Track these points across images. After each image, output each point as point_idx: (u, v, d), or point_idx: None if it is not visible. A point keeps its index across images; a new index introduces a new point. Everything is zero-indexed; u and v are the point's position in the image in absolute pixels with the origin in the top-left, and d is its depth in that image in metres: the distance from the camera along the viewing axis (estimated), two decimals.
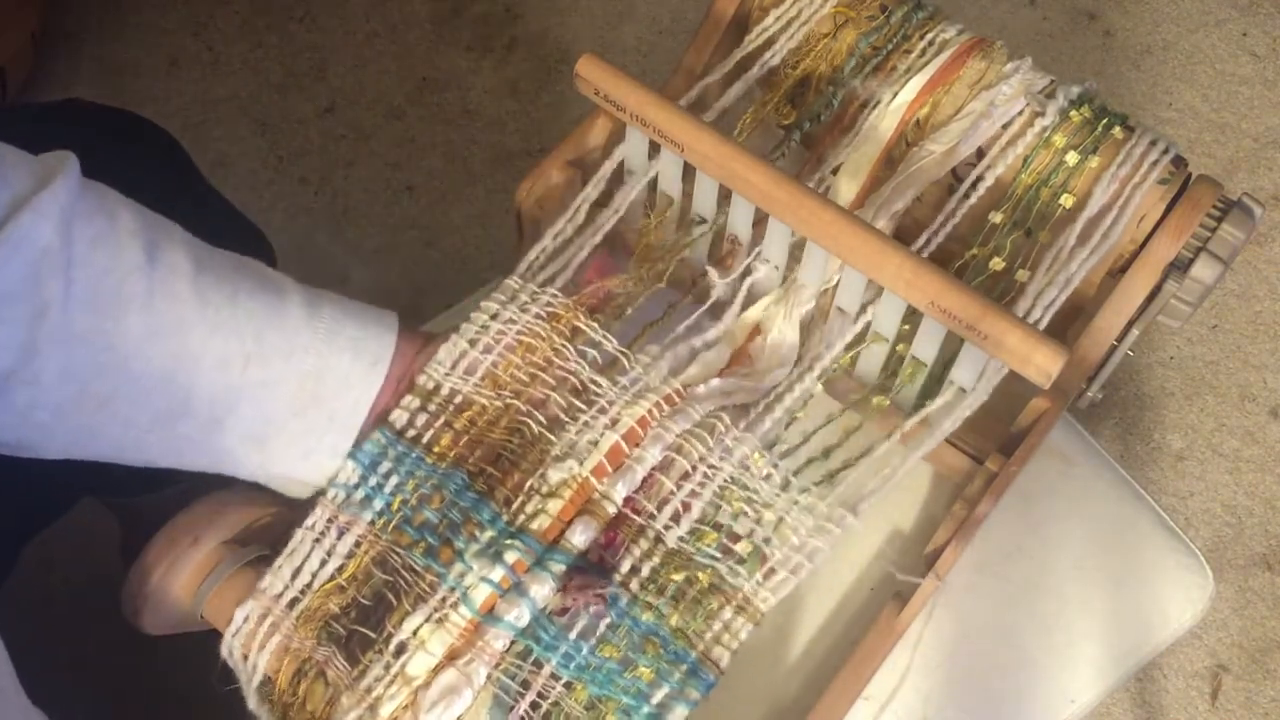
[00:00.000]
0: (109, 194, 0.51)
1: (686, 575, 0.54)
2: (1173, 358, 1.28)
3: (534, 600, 0.52)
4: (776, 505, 0.56)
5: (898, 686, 0.64)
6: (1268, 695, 1.14)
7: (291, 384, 0.53)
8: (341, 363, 0.54)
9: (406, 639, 0.52)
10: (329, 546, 0.55)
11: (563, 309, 0.59)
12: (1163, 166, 0.62)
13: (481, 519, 0.54)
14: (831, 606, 0.66)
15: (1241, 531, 1.20)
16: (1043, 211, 0.63)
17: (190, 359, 0.51)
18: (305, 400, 0.54)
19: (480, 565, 0.53)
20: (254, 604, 0.54)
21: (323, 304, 0.55)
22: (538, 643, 0.51)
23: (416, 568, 0.53)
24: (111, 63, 1.42)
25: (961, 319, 0.54)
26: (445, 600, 0.52)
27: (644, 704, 0.51)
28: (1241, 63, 1.45)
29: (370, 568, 0.54)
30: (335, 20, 1.46)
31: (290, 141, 1.37)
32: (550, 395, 0.57)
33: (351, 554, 0.55)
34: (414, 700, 0.51)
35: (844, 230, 0.56)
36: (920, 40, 0.67)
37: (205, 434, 0.53)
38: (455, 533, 0.54)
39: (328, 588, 0.54)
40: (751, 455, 0.56)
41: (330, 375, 0.54)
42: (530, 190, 0.67)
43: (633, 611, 0.53)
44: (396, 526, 0.55)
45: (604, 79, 0.60)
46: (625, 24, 1.46)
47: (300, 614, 0.54)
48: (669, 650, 0.52)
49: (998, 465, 0.61)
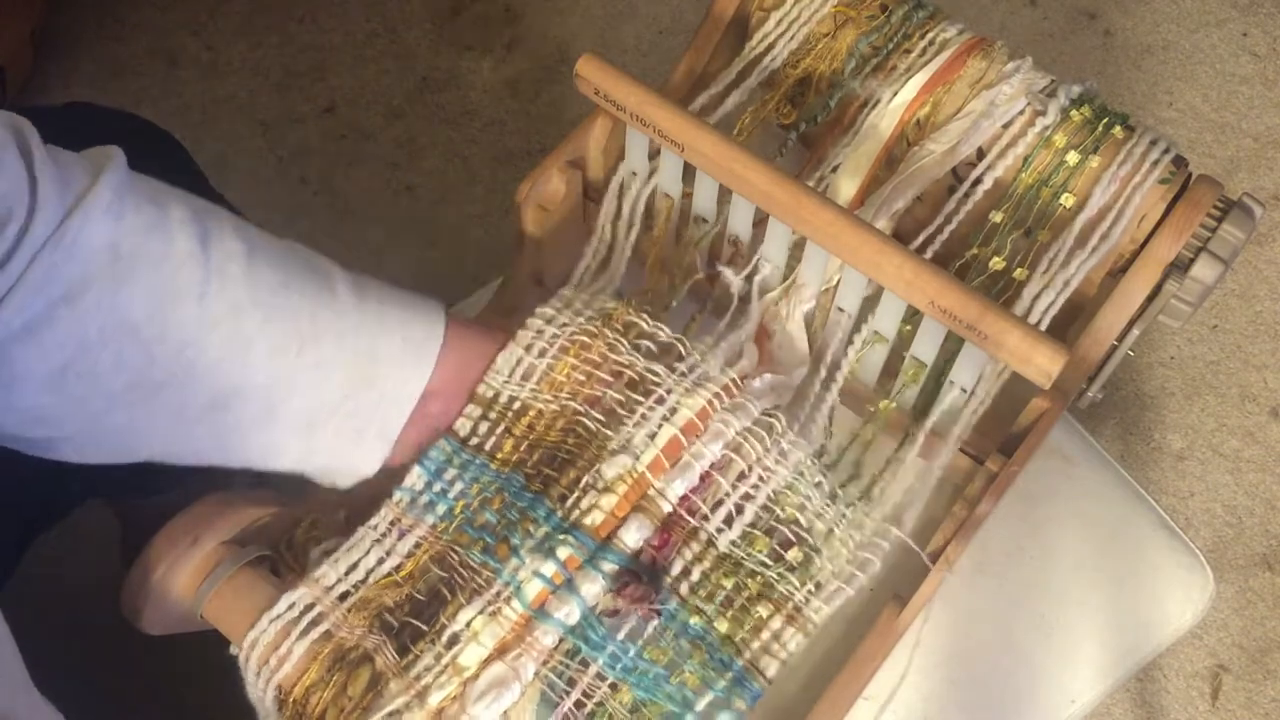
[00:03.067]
0: (157, 184, 0.51)
1: (735, 581, 0.55)
2: (1173, 358, 1.28)
3: (584, 599, 0.52)
4: (827, 516, 0.57)
5: (898, 686, 0.64)
6: (1268, 695, 1.13)
7: (345, 365, 0.53)
8: (393, 343, 0.54)
9: (460, 630, 0.52)
10: (389, 546, 0.55)
11: (614, 309, 0.60)
12: (1163, 166, 0.62)
13: (537, 516, 0.55)
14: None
15: (1242, 531, 1.20)
16: (1043, 211, 0.63)
17: (244, 344, 0.51)
18: (357, 381, 0.54)
19: (533, 560, 0.53)
20: (305, 591, 0.54)
21: (368, 286, 0.55)
22: (586, 642, 0.52)
23: (474, 564, 0.54)
24: (111, 63, 1.42)
25: (961, 319, 0.54)
26: (499, 594, 0.53)
27: (687, 712, 0.51)
28: (1242, 62, 1.45)
29: (428, 564, 0.55)
30: (335, 20, 1.46)
31: (290, 141, 1.37)
32: (606, 391, 0.58)
33: (411, 554, 0.55)
34: (463, 691, 0.51)
35: (844, 230, 0.56)
36: (920, 40, 0.67)
37: (256, 422, 0.52)
38: (512, 530, 0.54)
39: (384, 582, 0.55)
40: (805, 461, 0.57)
41: (382, 354, 0.54)
42: (531, 190, 0.67)
43: (680, 615, 0.53)
44: (458, 528, 0.55)
45: (604, 79, 0.60)
46: (625, 24, 1.46)
47: (353, 605, 0.54)
48: (715, 657, 0.53)
49: (998, 465, 0.61)
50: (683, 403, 0.56)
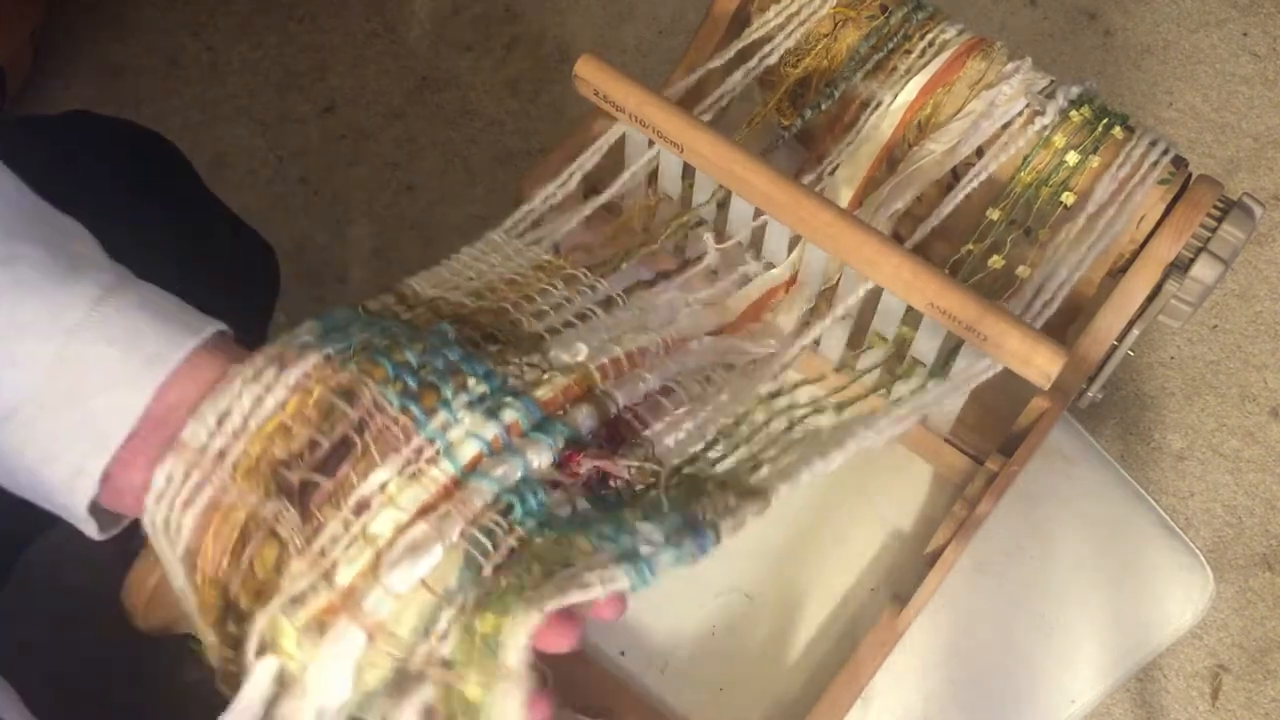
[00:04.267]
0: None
1: (689, 482, 0.48)
2: (1173, 358, 1.28)
3: (528, 462, 0.44)
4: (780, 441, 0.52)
5: (898, 687, 0.64)
6: (1268, 695, 1.13)
7: (42, 367, 0.42)
8: (109, 354, 0.43)
9: (371, 494, 0.43)
10: (268, 382, 0.44)
11: (549, 261, 0.54)
12: (1163, 166, 0.62)
13: (474, 372, 0.45)
14: (831, 606, 0.66)
15: (1242, 531, 1.20)
16: (1042, 210, 0.63)
17: None
18: (59, 392, 0.43)
19: (471, 419, 0.44)
20: (175, 459, 0.43)
21: (125, 293, 0.44)
22: (522, 502, 0.43)
23: (389, 408, 0.43)
24: (111, 63, 1.42)
25: (960, 319, 0.54)
26: (421, 452, 0.43)
27: (623, 534, 0.42)
28: (1242, 62, 1.45)
29: (331, 400, 0.43)
30: (335, 20, 1.46)
31: (290, 141, 1.37)
32: (546, 310, 0.50)
33: (300, 386, 0.43)
34: (377, 563, 0.42)
35: (843, 231, 0.56)
36: (920, 40, 0.67)
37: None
38: (443, 380, 0.45)
39: (269, 429, 0.43)
40: (753, 403, 0.52)
41: (92, 367, 0.43)
42: (531, 190, 0.67)
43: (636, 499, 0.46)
44: (368, 358, 0.44)
45: (603, 79, 0.60)
46: (625, 24, 1.46)
47: (236, 464, 0.43)
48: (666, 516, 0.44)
49: (998, 465, 0.61)
50: (624, 337, 0.50)
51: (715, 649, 0.65)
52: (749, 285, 0.63)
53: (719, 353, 0.56)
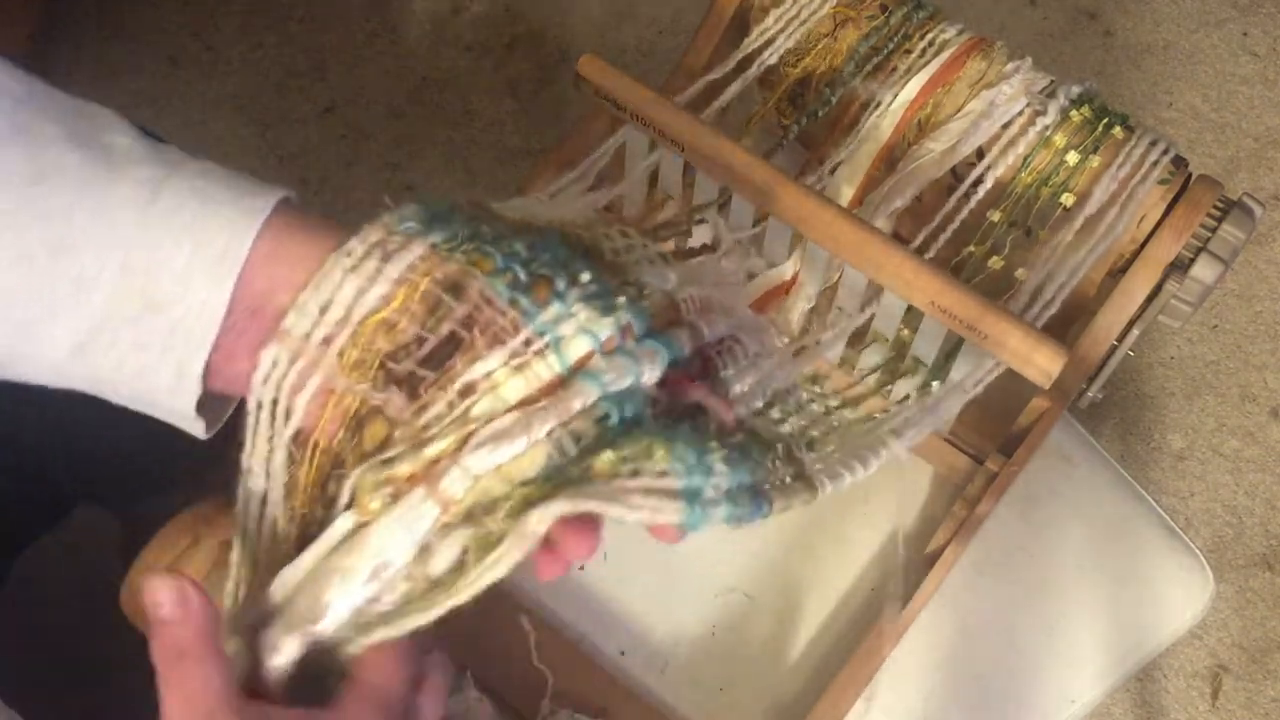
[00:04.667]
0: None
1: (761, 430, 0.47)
2: (1173, 358, 1.28)
3: (640, 370, 0.42)
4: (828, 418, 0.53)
5: (898, 687, 0.64)
6: (1268, 695, 1.13)
7: (111, 281, 0.42)
8: (178, 255, 0.42)
9: (476, 380, 0.41)
10: (370, 272, 0.42)
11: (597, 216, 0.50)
12: (1163, 166, 0.62)
13: (583, 272, 0.43)
14: (831, 606, 0.66)
15: (1242, 532, 1.20)
16: (1043, 210, 0.63)
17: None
18: (134, 303, 0.42)
19: (586, 313, 0.42)
20: (278, 346, 0.42)
21: (165, 182, 0.43)
22: (620, 411, 0.41)
23: (497, 301, 0.42)
24: (111, 62, 1.42)
25: (961, 319, 0.54)
26: (530, 344, 0.42)
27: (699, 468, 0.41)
28: (1242, 63, 1.45)
29: (438, 294, 0.42)
30: (335, 20, 1.46)
31: (290, 141, 1.37)
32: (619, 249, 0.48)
33: (405, 279, 0.42)
34: (464, 442, 0.41)
35: (844, 230, 0.56)
36: (920, 40, 0.67)
37: (25, 341, 0.43)
38: (555, 271, 0.43)
39: (374, 321, 0.42)
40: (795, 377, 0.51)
41: (163, 272, 0.42)
42: (531, 190, 0.67)
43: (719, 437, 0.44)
44: (475, 249, 0.43)
45: (604, 79, 0.60)
46: (625, 24, 1.46)
47: (343, 354, 0.42)
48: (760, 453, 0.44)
49: (998, 465, 0.61)
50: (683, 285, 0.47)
51: (715, 649, 0.65)
52: (750, 284, 0.63)
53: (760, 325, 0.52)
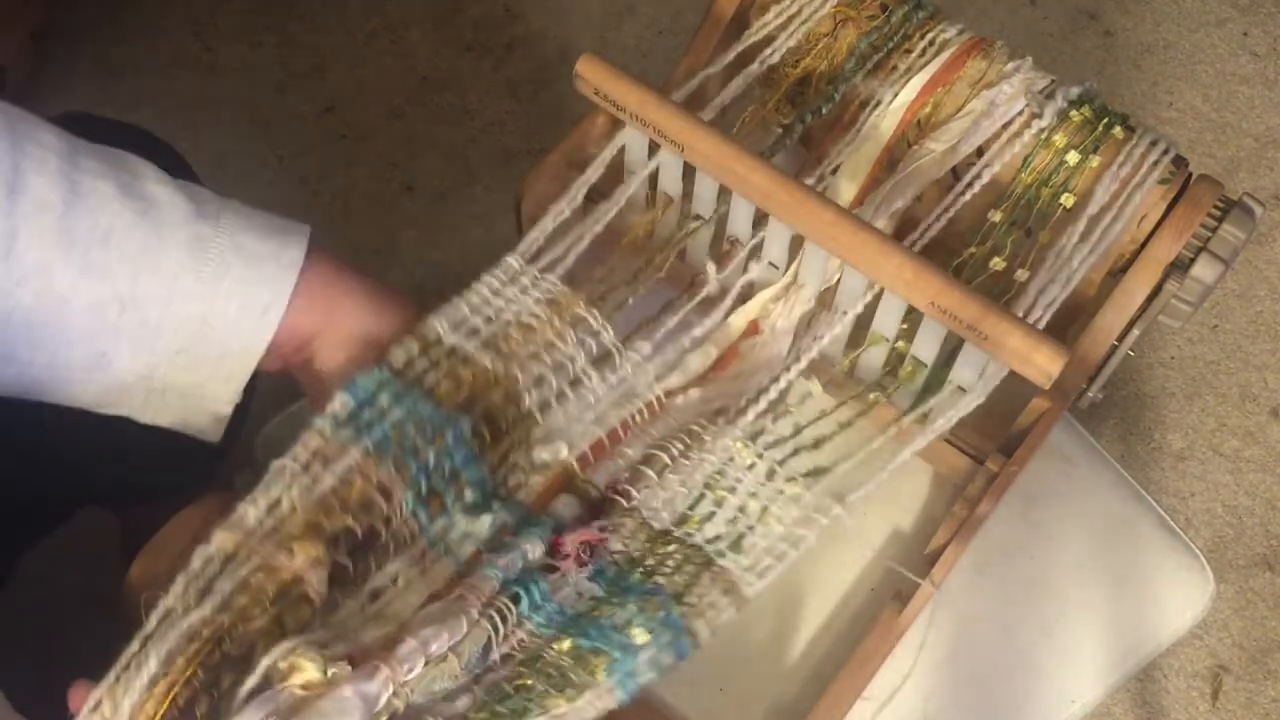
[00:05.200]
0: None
1: (679, 549, 0.54)
2: (1173, 358, 1.28)
3: (525, 552, 0.52)
4: (761, 494, 0.56)
5: (899, 686, 0.64)
6: (1268, 696, 1.13)
7: (171, 330, 0.51)
8: (229, 309, 0.51)
9: (384, 585, 0.50)
10: (315, 474, 0.51)
11: (562, 297, 0.58)
12: (1163, 166, 0.62)
13: (470, 479, 0.53)
14: (831, 606, 0.66)
15: (1242, 532, 1.20)
16: (1043, 211, 0.63)
17: (58, 300, 0.49)
18: (189, 344, 0.51)
19: (466, 522, 0.52)
20: (225, 536, 0.49)
21: (211, 241, 0.51)
22: (525, 592, 0.50)
23: (404, 512, 0.51)
24: (111, 62, 1.42)
25: (961, 319, 0.54)
26: (425, 554, 0.51)
27: (629, 660, 0.49)
28: (1242, 62, 1.45)
29: (370, 494, 0.51)
30: (335, 20, 1.46)
31: (290, 141, 1.37)
32: (547, 376, 0.56)
33: (347, 480, 0.51)
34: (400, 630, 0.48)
35: (844, 230, 0.56)
36: (920, 40, 0.67)
37: (90, 371, 0.51)
38: (446, 487, 0.52)
39: (321, 504, 0.50)
40: (734, 445, 0.57)
41: (216, 320, 0.51)
42: (531, 190, 0.67)
43: (627, 576, 0.52)
44: (399, 458, 0.52)
45: (604, 79, 0.60)
46: (625, 24, 1.46)
47: (288, 534, 0.49)
48: (668, 613, 0.51)
49: (998, 465, 0.61)
50: (609, 412, 0.57)
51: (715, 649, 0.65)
52: (749, 304, 0.63)
53: (706, 402, 0.59)
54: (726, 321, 0.63)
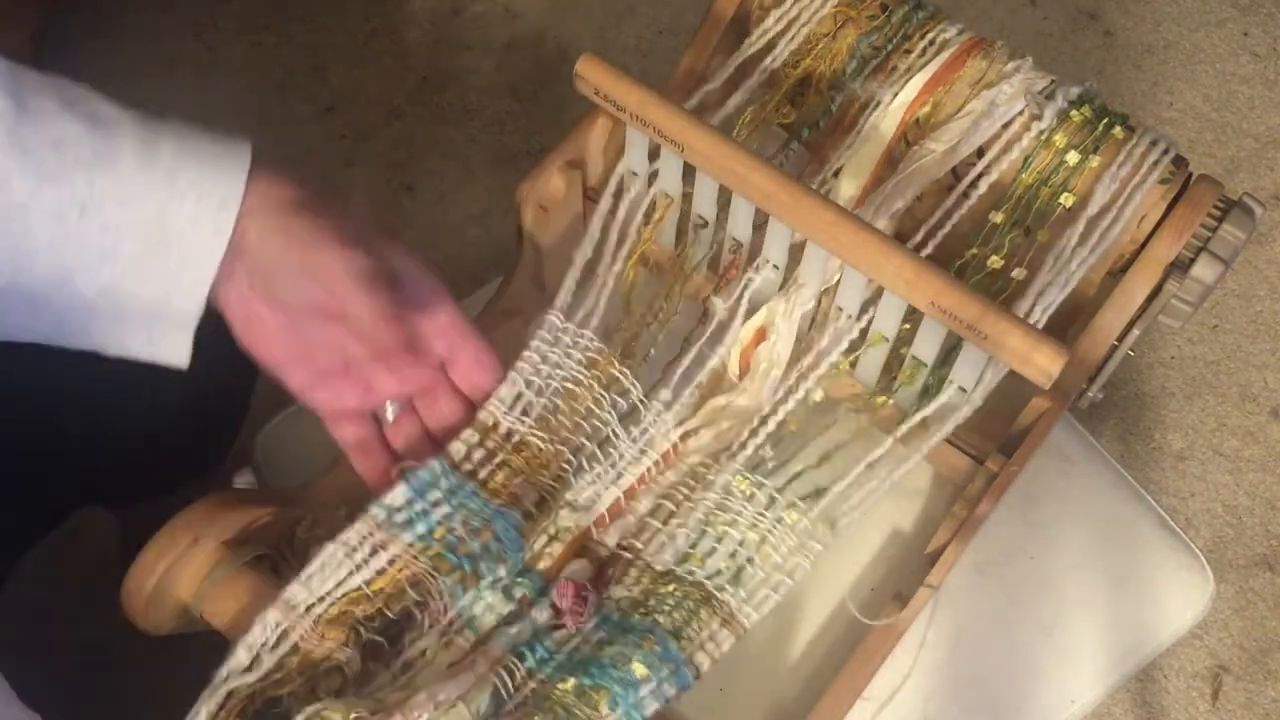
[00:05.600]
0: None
1: (679, 588, 0.57)
2: (1173, 357, 1.28)
3: (534, 620, 0.55)
4: (760, 525, 0.58)
5: (899, 686, 0.64)
6: (1268, 696, 1.13)
7: (132, 230, 0.51)
8: (185, 206, 0.51)
9: (414, 657, 0.54)
10: (360, 561, 0.55)
11: (599, 355, 0.61)
12: (1163, 166, 0.62)
13: (509, 558, 0.57)
14: (832, 606, 0.66)
15: (1242, 532, 1.20)
16: (1043, 211, 0.63)
17: (18, 210, 0.49)
18: (151, 244, 0.51)
19: (492, 597, 0.56)
20: (276, 615, 0.54)
21: (160, 144, 0.52)
22: (530, 651, 0.54)
23: (443, 591, 0.55)
24: (111, 63, 1.42)
25: (962, 319, 0.54)
26: (452, 624, 0.55)
27: (631, 693, 0.53)
28: (1242, 62, 1.45)
29: (403, 585, 0.55)
30: (335, 20, 1.46)
31: (290, 141, 1.37)
32: (584, 443, 0.60)
33: (383, 571, 0.55)
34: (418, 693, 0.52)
35: (844, 230, 0.56)
36: (921, 40, 0.67)
37: (56, 289, 0.51)
38: (489, 566, 0.56)
39: (354, 595, 0.55)
40: (733, 480, 0.59)
41: (174, 219, 0.51)
42: (531, 190, 0.67)
43: (628, 617, 0.55)
44: (438, 554, 0.56)
45: (604, 79, 0.60)
46: (625, 24, 1.46)
47: (322, 618, 0.54)
48: (665, 648, 0.54)
49: (998, 465, 0.61)
50: (628, 470, 0.60)
51: None
52: (753, 318, 0.63)
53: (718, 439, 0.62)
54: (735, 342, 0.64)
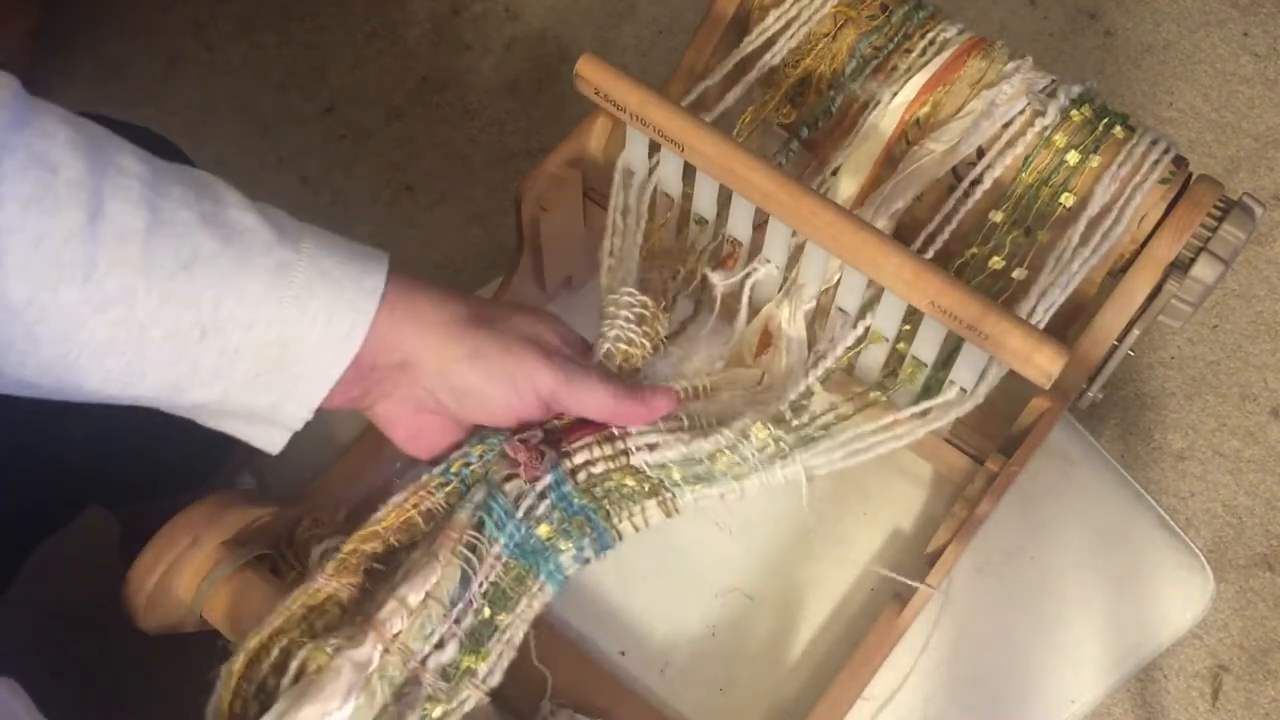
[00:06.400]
0: (50, 131, 0.48)
1: (635, 482, 0.58)
2: (1173, 357, 1.28)
3: (492, 478, 0.56)
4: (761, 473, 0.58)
5: (898, 686, 0.64)
6: (1268, 695, 1.13)
7: (250, 356, 0.50)
8: (311, 334, 0.51)
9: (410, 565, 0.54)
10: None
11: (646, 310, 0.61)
12: (1163, 166, 0.62)
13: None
14: (831, 606, 0.66)
15: (1242, 532, 1.20)
16: (1043, 211, 0.63)
17: (137, 328, 0.47)
18: (266, 369, 0.51)
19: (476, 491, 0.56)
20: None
21: (294, 266, 0.51)
22: (488, 514, 0.55)
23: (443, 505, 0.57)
24: (111, 62, 1.42)
25: (962, 319, 0.54)
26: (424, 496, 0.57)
27: (552, 561, 0.56)
28: (1242, 62, 1.45)
29: (415, 520, 0.56)
30: (335, 20, 1.46)
31: (290, 141, 1.37)
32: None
33: (397, 506, 0.56)
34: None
35: (844, 230, 0.56)
36: (921, 40, 0.67)
37: (166, 397, 0.50)
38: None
39: (365, 533, 0.55)
40: (753, 425, 0.58)
41: (297, 345, 0.51)
42: (531, 190, 0.67)
43: (572, 497, 0.57)
44: (453, 489, 0.57)
45: (604, 79, 0.60)
46: (625, 24, 1.46)
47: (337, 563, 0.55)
48: (594, 526, 0.57)
49: (998, 465, 0.61)
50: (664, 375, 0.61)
51: (715, 649, 0.65)
52: (755, 320, 0.63)
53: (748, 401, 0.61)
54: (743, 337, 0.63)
